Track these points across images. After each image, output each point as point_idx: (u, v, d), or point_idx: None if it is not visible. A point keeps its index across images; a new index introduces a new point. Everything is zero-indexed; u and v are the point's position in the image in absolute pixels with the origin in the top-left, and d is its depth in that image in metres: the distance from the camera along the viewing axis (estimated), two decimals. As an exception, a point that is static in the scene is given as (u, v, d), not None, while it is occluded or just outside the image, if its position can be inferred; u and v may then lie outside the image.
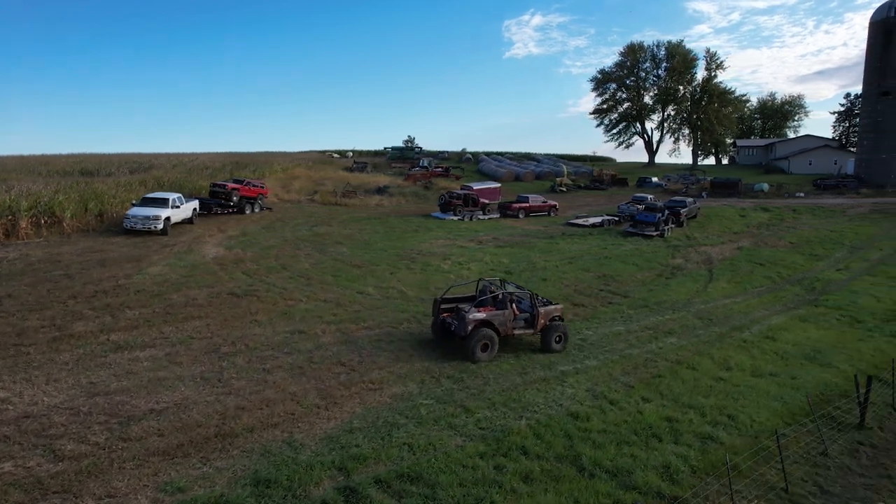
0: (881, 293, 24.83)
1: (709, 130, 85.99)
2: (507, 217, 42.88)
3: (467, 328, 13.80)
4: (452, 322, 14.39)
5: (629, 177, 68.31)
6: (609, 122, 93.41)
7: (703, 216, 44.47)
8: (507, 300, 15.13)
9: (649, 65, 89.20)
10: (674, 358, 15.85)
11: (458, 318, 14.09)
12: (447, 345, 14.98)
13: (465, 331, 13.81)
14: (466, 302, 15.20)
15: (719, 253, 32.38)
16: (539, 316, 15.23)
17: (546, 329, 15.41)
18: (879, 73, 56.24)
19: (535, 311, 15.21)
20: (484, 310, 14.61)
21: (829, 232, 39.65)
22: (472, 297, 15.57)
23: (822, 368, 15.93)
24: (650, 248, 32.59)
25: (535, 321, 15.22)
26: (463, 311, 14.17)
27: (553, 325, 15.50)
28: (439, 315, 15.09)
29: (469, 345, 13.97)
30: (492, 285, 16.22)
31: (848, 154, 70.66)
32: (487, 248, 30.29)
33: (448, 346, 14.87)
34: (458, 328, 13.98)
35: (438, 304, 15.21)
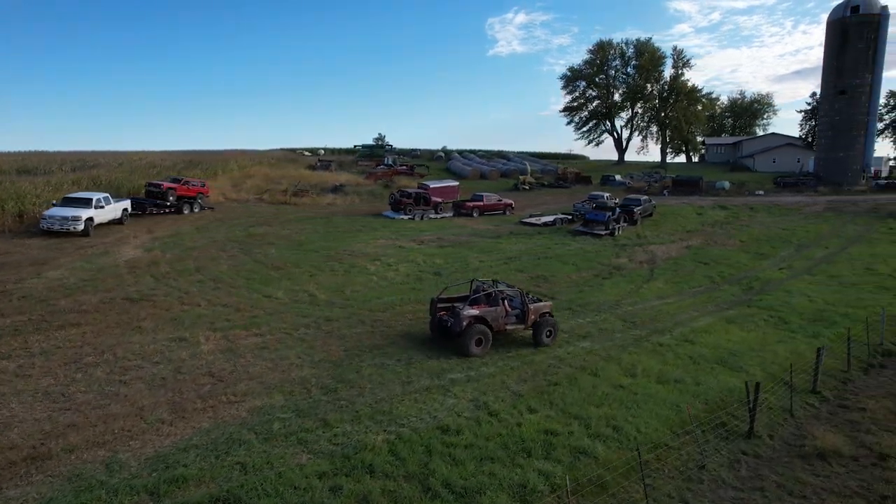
0: (815, 292, 24.49)
1: (677, 128, 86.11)
2: (461, 216, 42.19)
3: (462, 325, 14.61)
4: (448, 320, 15.08)
5: (593, 175, 68.01)
6: (579, 120, 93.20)
7: (660, 214, 44.18)
8: (499, 298, 15.85)
9: (619, 62, 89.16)
10: (579, 364, 15.20)
11: (454, 316, 14.85)
12: (444, 342, 15.55)
13: (460, 327, 14.63)
14: (461, 301, 15.94)
15: (666, 252, 31.96)
16: (529, 312, 16.01)
17: (537, 324, 16.19)
18: (836, 73, 56.39)
19: (525, 307, 16.00)
20: (477, 307, 15.43)
21: (780, 230, 39.51)
22: (466, 297, 16.27)
23: (732, 373, 15.38)
24: (596, 247, 32.08)
25: (525, 317, 16.01)
26: (457, 308, 15.03)
27: (543, 321, 16.30)
28: (436, 314, 15.79)
29: (464, 340, 14.75)
30: (484, 284, 16.85)
31: (810, 152, 71.06)
32: (427, 248, 29.55)
33: (445, 344, 15.48)
34: (454, 325, 14.73)
35: (435, 304, 15.92)
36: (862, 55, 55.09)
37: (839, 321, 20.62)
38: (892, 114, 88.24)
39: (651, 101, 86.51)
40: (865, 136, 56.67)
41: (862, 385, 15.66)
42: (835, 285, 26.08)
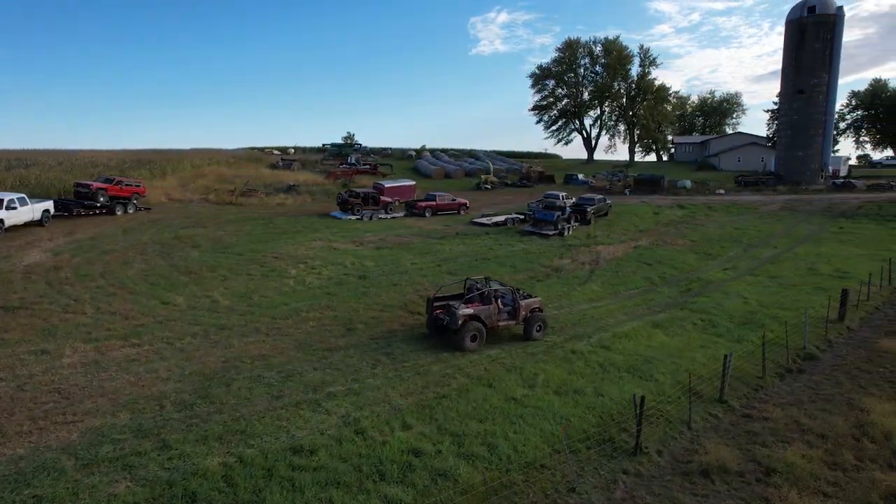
0: (752, 294, 24.00)
1: (645, 127, 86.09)
2: (413, 216, 41.30)
3: (458, 322, 15.36)
4: (444, 318, 15.85)
5: (558, 174, 67.57)
6: (548, 118, 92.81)
7: (616, 214, 43.74)
8: (492, 296, 16.57)
9: (587, 61, 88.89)
10: (478, 374, 14.38)
11: (450, 314, 15.57)
12: (441, 338, 16.23)
13: (457, 325, 15.38)
14: (456, 299, 16.81)
15: (612, 253, 31.37)
16: (520, 308, 16.78)
17: (527, 320, 16.99)
18: (795, 72, 56.51)
19: (516, 304, 16.77)
20: (472, 305, 16.18)
21: (733, 230, 39.23)
22: (461, 295, 17.14)
23: (640, 382, 14.68)
24: (541, 248, 31.38)
25: (516, 313, 16.79)
26: (454, 307, 15.77)
27: (533, 316, 17.08)
28: (433, 312, 16.47)
29: (460, 337, 15.54)
30: (477, 283, 17.50)
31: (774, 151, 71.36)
32: (364, 249, 28.60)
33: (441, 340, 16.16)
34: (451, 323, 15.47)
35: (432, 303, 16.63)
36: (819, 55, 55.24)
37: (767, 324, 20.11)
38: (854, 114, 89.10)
39: (618, 100, 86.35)
40: (823, 136, 56.85)
41: (773, 392, 15.06)
42: (774, 286, 25.65)
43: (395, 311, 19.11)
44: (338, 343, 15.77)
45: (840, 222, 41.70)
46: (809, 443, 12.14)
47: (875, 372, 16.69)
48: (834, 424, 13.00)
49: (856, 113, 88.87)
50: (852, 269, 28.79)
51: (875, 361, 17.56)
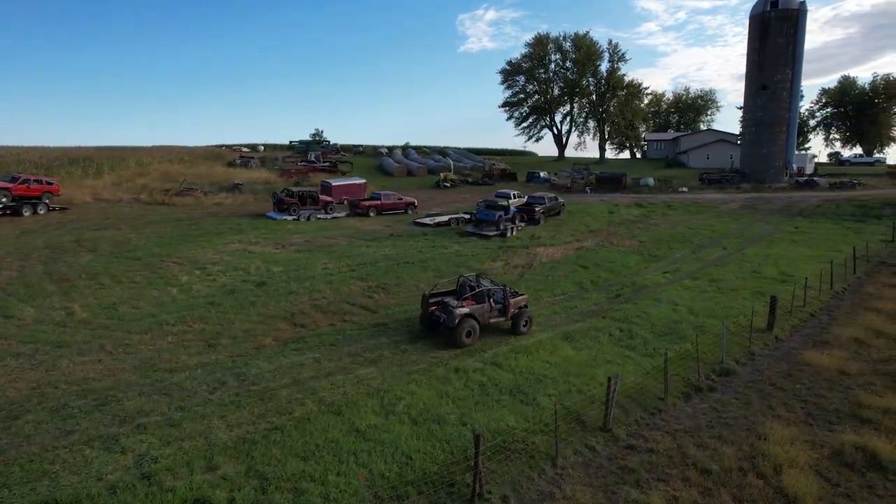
0: (684, 300, 22.52)
1: (615, 124, 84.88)
2: (357, 216, 39.57)
3: (454, 320, 15.97)
4: (441, 315, 16.48)
5: (522, 171, 66.12)
6: (519, 115, 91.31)
7: (570, 213, 42.30)
8: (486, 294, 17.14)
9: (558, 57, 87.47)
10: (331, 398, 12.70)
11: (447, 312, 16.17)
12: (434, 335, 16.86)
13: (454, 322, 15.98)
14: (449, 296, 17.73)
15: (551, 255, 29.82)
16: (510, 306, 17.50)
17: (515, 316, 17.66)
18: (759, 68, 55.36)
19: (506, 301, 17.45)
20: (467, 304, 16.76)
21: (687, 229, 37.90)
22: (452, 292, 18.06)
23: (519, 407, 13.05)
24: (476, 250, 29.75)
25: (507, 310, 17.48)
26: (450, 306, 16.32)
27: (521, 313, 17.76)
28: (428, 309, 16.97)
29: (457, 334, 16.10)
30: (470, 281, 18.21)
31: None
32: (282, 253, 26.83)
33: (435, 336, 16.77)
34: (447, 321, 16.11)
35: (427, 300, 17.12)
36: (782, 50, 54.13)
37: (690, 335, 18.60)
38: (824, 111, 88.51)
39: (588, 97, 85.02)
40: (787, 133, 55.81)
41: (671, 416, 13.52)
42: (712, 291, 24.22)
43: (276, 323, 17.37)
44: (188, 362, 14.00)
45: (797, 221, 40.55)
46: (687, 480, 10.60)
47: (790, 390, 15.22)
48: (723, 456, 11.47)
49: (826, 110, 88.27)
50: (797, 271, 27.48)
51: (794, 377, 16.12)
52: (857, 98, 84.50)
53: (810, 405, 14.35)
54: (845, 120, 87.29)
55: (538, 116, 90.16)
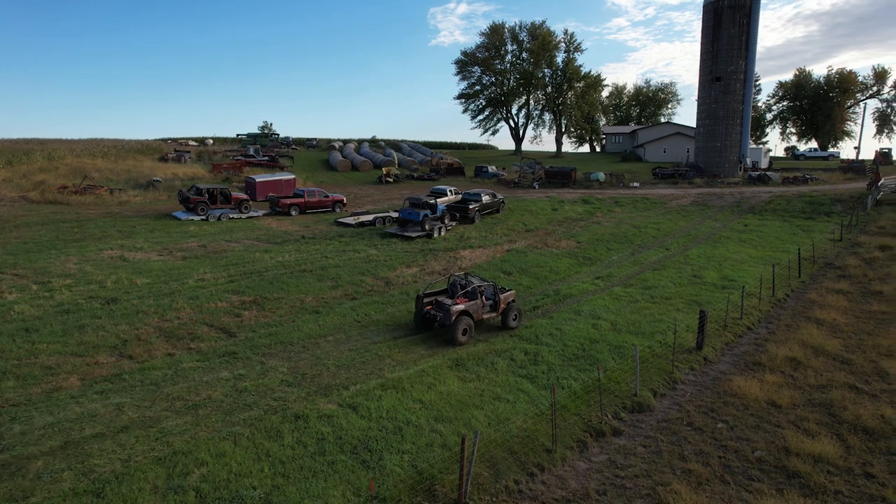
0: (609, 313, 19.89)
1: (572, 116, 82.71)
2: (277, 214, 36.19)
3: (451, 318, 16.10)
4: (437, 314, 16.52)
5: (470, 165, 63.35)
6: (475, 107, 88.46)
7: (511, 210, 39.63)
8: (478, 292, 17.32)
9: (514, 47, 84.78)
10: (103, 469, 9.55)
11: (443, 311, 16.24)
12: (428, 333, 17.02)
13: (450, 320, 16.11)
14: (441, 295, 17.84)
15: (475, 259, 27.01)
16: (500, 301, 17.71)
17: (505, 311, 17.85)
18: (712, 59, 53.46)
19: (497, 297, 17.63)
20: (461, 301, 16.97)
21: (630, 228, 35.55)
22: (444, 291, 18.13)
23: (354, 472, 10.12)
24: (392, 254, 26.75)
25: (497, 305, 17.70)
26: (446, 304, 16.48)
27: (509, 307, 17.93)
28: (422, 308, 16.98)
29: (453, 331, 16.15)
30: (460, 279, 18.18)
31: (698, 142, 68.82)
32: (165, 261, 23.46)
33: (429, 334, 16.92)
34: (444, 319, 16.19)
35: (422, 300, 17.09)
36: (735, 41, 52.29)
37: (604, 359, 15.96)
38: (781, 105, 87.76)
39: (544, 88, 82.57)
40: (741, 126, 54.10)
41: (554, 478, 10.73)
42: (643, 300, 21.69)
43: (98, 354, 14.11)
44: (-69, 420, 10.70)
45: (746, 219, 38.59)
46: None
47: (709, 431, 12.63)
48: (604, 545, 8.74)
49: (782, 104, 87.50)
50: (741, 275, 25.24)
51: (717, 412, 13.56)
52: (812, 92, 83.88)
53: (730, 453, 11.78)
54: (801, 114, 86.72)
55: (494, 109, 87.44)
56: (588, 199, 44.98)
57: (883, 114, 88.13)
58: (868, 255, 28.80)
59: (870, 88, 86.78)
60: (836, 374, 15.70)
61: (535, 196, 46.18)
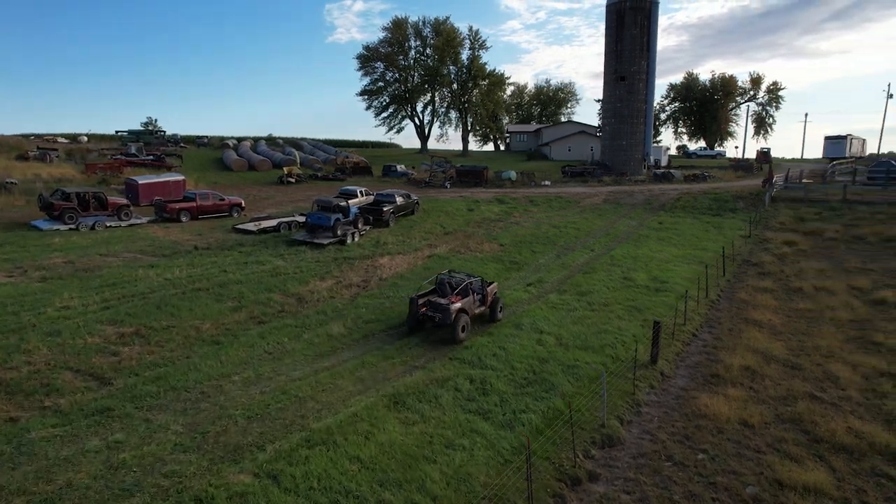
0: (551, 325, 18.17)
1: (477, 114, 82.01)
2: (164, 221, 31.63)
3: (451, 317, 16.11)
4: (435, 314, 16.31)
5: (378, 164, 60.57)
6: (378, 104, 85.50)
7: (426, 211, 37.41)
8: (469, 288, 17.56)
9: (417, 43, 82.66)
10: None
11: (442, 310, 16.16)
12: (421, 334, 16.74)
13: (451, 319, 16.12)
14: (430, 296, 17.50)
15: (396, 267, 24.53)
16: (488, 294, 18.04)
17: (492, 303, 18.27)
18: (616, 58, 54.28)
19: (484, 291, 17.92)
20: (457, 299, 16.89)
21: (551, 228, 34.53)
22: (433, 291, 17.90)
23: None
24: (302, 264, 23.65)
25: (486, 299, 17.99)
26: (443, 303, 16.35)
27: (496, 299, 18.42)
28: (417, 310, 16.67)
29: (454, 329, 16.19)
30: (446, 277, 18.10)
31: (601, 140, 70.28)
32: (11, 284, 18.97)
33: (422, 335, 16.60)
34: (444, 318, 16.13)
35: (416, 302, 16.74)
36: (637, 41, 53.39)
37: (560, 382, 14.13)
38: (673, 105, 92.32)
39: (449, 86, 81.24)
40: (645, 125, 55.40)
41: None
42: (582, 309, 20.23)
43: None
44: None
45: (660, 216, 38.90)
46: None
47: (691, 464, 11.08)
48: None
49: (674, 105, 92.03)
50: (670, 276, 24.61)
51: (693, 439, 12.08)
52: (699, 94, 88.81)
53: (721, 492, 10.27)
54: (690, 115, 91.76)
55: (399, 106, 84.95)
56: (503, 198, 43.80)
57: (759, 116, 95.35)
58: (778, 252, 29.43)
59: (748, 92, 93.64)
60: (791, 382, 14.92)
61: (448, 196, 44.34)
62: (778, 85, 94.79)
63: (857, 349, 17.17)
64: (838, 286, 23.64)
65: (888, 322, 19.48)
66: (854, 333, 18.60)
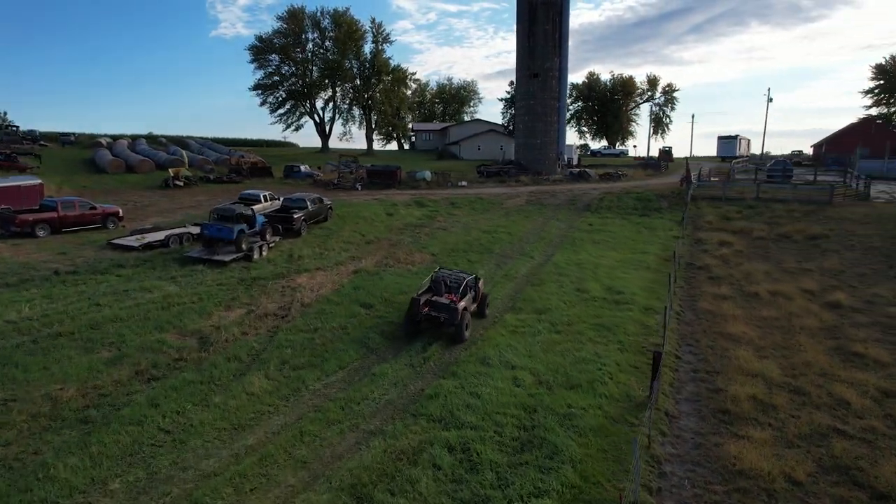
0: (520, 357, 15.14)
1: (383, 112, 78.19)
2: (12, 237, 25.27)
3: (458, 317, 15.84)
4: (439, 315, 15.98)
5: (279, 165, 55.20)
6: (274, 100, 79.17)
7: (340, 217, 33.33)
8: (468, 287, 17.33)
9: (315, 35, 77.27)
10: None
11: (449, 311, 15.88)
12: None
13: (458, 319, 15.84)
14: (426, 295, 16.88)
15: (318, 288, 20.52)
16: (480, 289, 18.09)
17: (481, 300, 18.26)
18: (529, 55, 52.77)
19: (477, 288, 17.94)
20: (460, 299, 16.59)
21: (480, 233, 31.73)
22: (429, 290, 17.40)
23: None
24: (202, 289, 19.02)
25: (477, 296, 17.99)
26: (449, 304, 16.06)
27: (483, 296, 18.41)
28: (419, 311, 16.07)
29: (460, 329, 15.97)
30: (444, 276, 17.79)
31: (511, 139, 69.09)
32: None
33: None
34: (451, 318, 15.85)
35: (418, 302, 16.20)
36: (550, 37, 52.16)
37: (562, 444, 11.08)
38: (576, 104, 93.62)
39: (352, 81, 76.70)
40: (558, 122, 54.39)
41: None
42: (546, 331, 17.40)
43: None
44: None
45: (588, 217, 37.36)
46: None
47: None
48: None
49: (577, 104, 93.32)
50: (623, 286, 22.52)
51: (748, 515, 9.49)
52: (601, 94, 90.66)
53: None
54: (593, 114, 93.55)
55: (297, 102, 79.12)
56: (421, 200, 40.54)
57: (657, 116, 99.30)
58: (717, 253, 28.54)
59: (646, 93, 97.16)
60: (807, 413, 12.98)
61: (361, 199, 40.41)
62: (672, 86, 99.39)
63: (844, 364, 15.73)
64: (790, 289, 22.71)
65: (855, 329, 18.52)
66: (832, 344, 17.31)
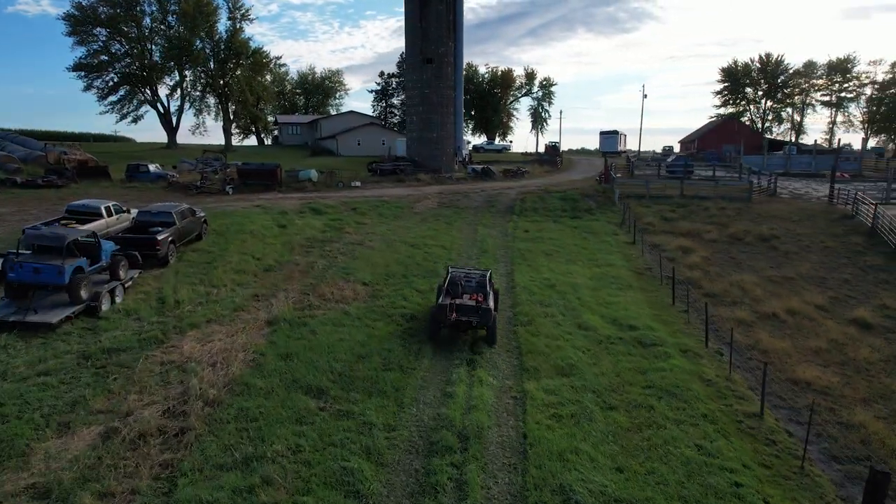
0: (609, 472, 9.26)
1: (242, 101, 67.67)
2: None
3: (490, 318, 14.71)
4: (472, 318, 14.73)
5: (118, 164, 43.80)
6: (103, 84, 65.11)
7: (218, 233, 25.06)
8: (488, 284, 16.65)
9: (155, 8, 64.45)
10: None
11: (481, 314, 14.75)
12: None
13: (490, 320, 14.71)
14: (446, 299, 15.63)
15: (220, 360, 13.11)
16: (494, 289, 16.90)
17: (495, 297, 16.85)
18: (421, 37, 46.70)
19: (490, 283, 16.87)
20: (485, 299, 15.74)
21: (409, 247, 25.40)
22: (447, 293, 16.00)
23: None
24: (12, 386, 10.59)
25: (495, 295, 16.64)
26: (480, 305, 15.05)
27: (496, 292, 16.98)
28: (447, 318, 14.53)
29: (493, 332, 14.80)
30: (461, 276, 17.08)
31: (395, 134, 62.72)
32: None
33: None
34: (484, 319, 14.71)
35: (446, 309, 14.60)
36: (444, 18, 46.60)
37: None
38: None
39: (204, 64, 65.19)
40: (455, 115, 49.14)
41: None
42: (598, 407, 11.80)
43: None
44: None
45: (516, 222, 32.42)
46: None
47: None
48: None
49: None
50: (627, 315, 17.72)
51: None
52: (479, 87, 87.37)
53: None
54: (472, 108, 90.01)
55: (133, 87, 65.75)
56: (316, 206, 32.96)
57: (536, 111, 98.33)
58: (687, 262, 24.98)
59: (524, 87, 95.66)
60: None
61: (237, 206, 31.87)
62: (550, 80, 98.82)
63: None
64: (800, 306, 19.58)
65: (918, 360, 15.15)
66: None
